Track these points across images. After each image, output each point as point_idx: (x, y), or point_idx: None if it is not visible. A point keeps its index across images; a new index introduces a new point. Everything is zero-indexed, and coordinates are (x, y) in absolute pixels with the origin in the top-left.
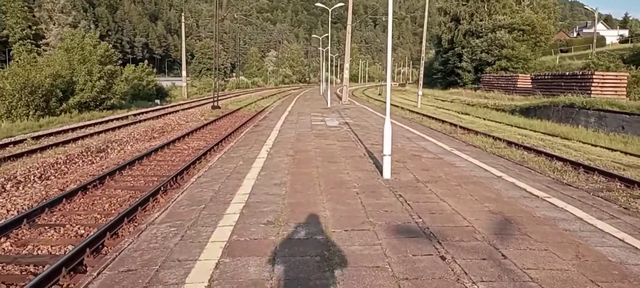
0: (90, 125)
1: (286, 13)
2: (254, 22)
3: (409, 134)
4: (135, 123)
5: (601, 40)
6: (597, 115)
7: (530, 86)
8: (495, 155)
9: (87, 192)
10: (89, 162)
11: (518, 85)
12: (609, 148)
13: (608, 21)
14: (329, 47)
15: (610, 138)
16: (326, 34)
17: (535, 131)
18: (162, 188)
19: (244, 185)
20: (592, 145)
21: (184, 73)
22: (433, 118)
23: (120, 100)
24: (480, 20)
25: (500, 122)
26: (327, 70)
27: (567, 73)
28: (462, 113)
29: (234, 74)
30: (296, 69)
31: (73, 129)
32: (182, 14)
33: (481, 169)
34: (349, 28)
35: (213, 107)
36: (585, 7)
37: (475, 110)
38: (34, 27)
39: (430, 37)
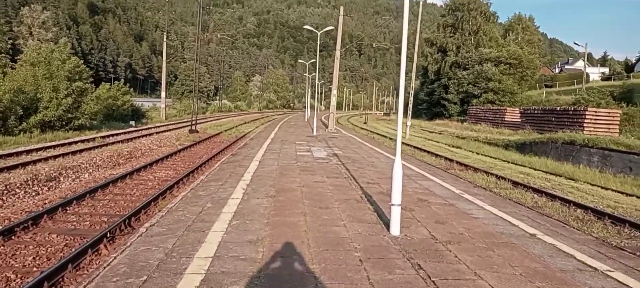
0: (49, 147)
1: (273, 39)
2: (240, 46)
3: (407, 170)
4: (101, 146)
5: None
6: (600, 154)
7: (519, 120)
8: (513, 202)
9: (13, 237)
10: (33, 194)
11: (506, 119)
12: (622, 193)
13: (589, 59)
14: (316, 72)
15: (620, 180)
16: (312, 60)
17: (535, 169)
18: (108, 234)
19: (208, 241)
20: (602, 187)
21: (163, 94)
22: (425, 151)
23: (91, 120)
24: (467, 52)
25: (495, 158)
26: (312, 97)
27: (557, 108)
28: (453, 146)
29: (217, 97)
30: (281, 95)
31: (28, 151)
32: (165, 34)
33: (506, 223)
34: (337, 53)
35: (190, 131)
36: (564, 43)
37: (466, 144)
38: (10, 42)
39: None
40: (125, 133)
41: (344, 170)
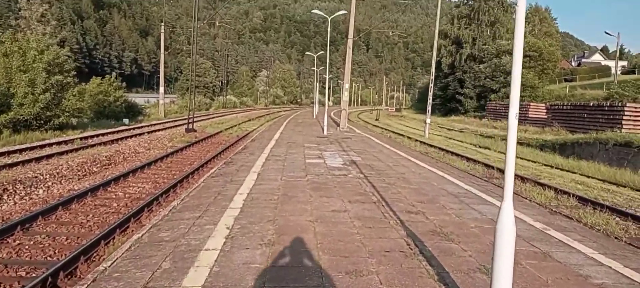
0: (14, 152)
1: (279, 34)
2: (247, 41)
3: (448, 185)
4: (78, 150)
5: (606, 70)
6: None
7: (545, 116)
8: (633, 247)
9: None
10: None
11: (530, 115)
12: None
13: (605, 52)
14: (327, 63)
15: None
16: (321, 52)
17: (588, 176)
18: None
19: None
20: None
21: (161, 89)
22: (453, 153)
23: (75, 118)
24: (484, 44)
25: (534, 162)
26: (320, 92)
27: (591, 103)
28: (480, 147)
29: (223, 93)
30: (288, 90)
31: None
32: (162, 25)
33: None
34: (349, 42)
35: (187, 130)
36: (575, 37)
37: (494, 144)
38: (10, 36)
39: (424, 62)
40: (113, 133)
41: (369, 187)
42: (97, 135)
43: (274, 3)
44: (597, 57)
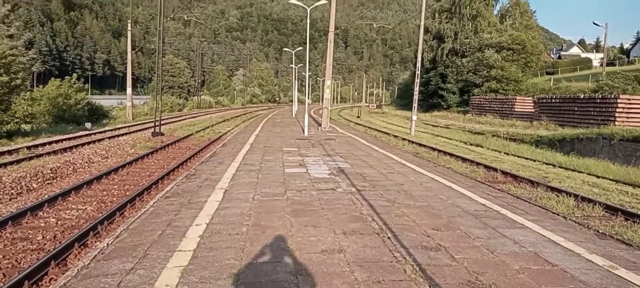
0: None
1: (256, 32)
2: (223, 40)
3: (460, 199)
4: (20, 161)
5: (588, 63)
6: None
7: (533, 110)
8: None
9: None
10: None
11: (516, 109)
12: None
13: (582, 44)
14: (306, 57)
15: None
16: (299, 48)
17: (598, 177)
18: None
19: None
20: None
21: (128, 90)
22: (446, 153)
23: (28, 124)
24: (466, 38)
25: (534, 160)
26: (299, 91)
27: (581, 96)
28: (471, 144)
29: (201, 93)
30: (266, 88)
31: None
32: (129, 22)
33: None
34: (331, 36)
35: (153, 134)
36: (550, 31)
37: (486, 141)
38: None
39: (402, 58)
40: (70, 139)
41: (366, 207)
42: (50, 143)
43: (251, 2)
44: (575, 50)
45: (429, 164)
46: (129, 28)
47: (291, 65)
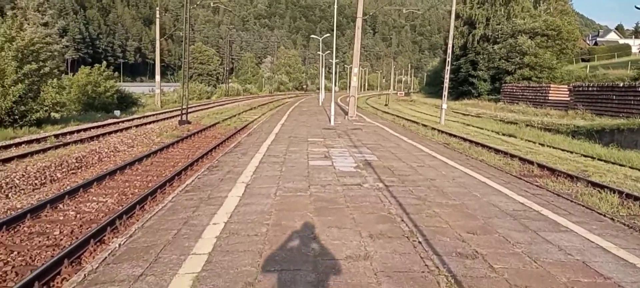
0: None
1: (284, 19)
2: (251, 28)
3: (496, 196)
4: (46, 150)
5: (627, 49)
6: None
7: (568, 99)
8: None
9: None
10: None
11: (550, 98)
12: None
13: (620, 30)
14: (333, 44)
15: None
16: (326, 35)
17: None
18: None
19: None
20: None
21: (157, 77)
22: (477, 143)
23: (57, 112)
24: (498, 24)
25: (571, 152)
26: (326, 78)
27: (620, 84)
28: (504, 134)
29: (230, 80)
30: (293, 76)
31: None
32: (157, 9)
33: None
34: (359, 22)
35: (180, 122)
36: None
37: (519, 131)
38: None
39: (431, 45)
40: (97, 127)
41: (395, 206)
42: (78, 131)
43: None
44: (612, 36)
45: (461, 156)
46: (158, 15)
47: (318, 52)
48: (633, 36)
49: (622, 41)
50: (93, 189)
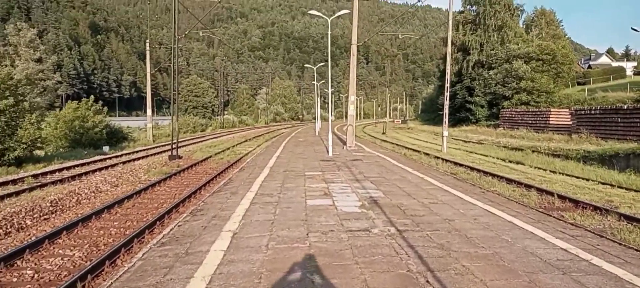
0: None
1: (278, 51)
2: (246, 60)
3: (530, 240)
4: (20, 192)
5: (621, 71)
6: None
7: (570, 123)
8: None
9: None
10: None
11: (551, 122)
12: None
13: (611, 53)
14: (328, 71)
15: None
16: (321, 64)
17: None
18: None
19: None
20: None
21: (148, 112)
22: (485, 172)
23: (37, 149)
24: (492, 50)
25: (587, 179)
26: (322, 107)
27: (624, 106)
28: (511, 161)
29: (225, 112)
30: (288, 106)
31: None
32: (147, 41)
33: None
34: (353, 48)
35: (170, 157)
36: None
37: (526, 157)
38: None
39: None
40: (82, 165)
41: (413, 259)
42: (60, 170)
43: (272, 21)
44: (604, 59)
45: (474, 189)
46: (147, 47)
47: (313, 82)
48: (625, 59)
49: (614, 64)
50: (61, 240)
